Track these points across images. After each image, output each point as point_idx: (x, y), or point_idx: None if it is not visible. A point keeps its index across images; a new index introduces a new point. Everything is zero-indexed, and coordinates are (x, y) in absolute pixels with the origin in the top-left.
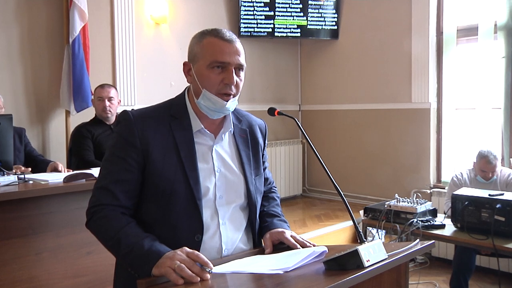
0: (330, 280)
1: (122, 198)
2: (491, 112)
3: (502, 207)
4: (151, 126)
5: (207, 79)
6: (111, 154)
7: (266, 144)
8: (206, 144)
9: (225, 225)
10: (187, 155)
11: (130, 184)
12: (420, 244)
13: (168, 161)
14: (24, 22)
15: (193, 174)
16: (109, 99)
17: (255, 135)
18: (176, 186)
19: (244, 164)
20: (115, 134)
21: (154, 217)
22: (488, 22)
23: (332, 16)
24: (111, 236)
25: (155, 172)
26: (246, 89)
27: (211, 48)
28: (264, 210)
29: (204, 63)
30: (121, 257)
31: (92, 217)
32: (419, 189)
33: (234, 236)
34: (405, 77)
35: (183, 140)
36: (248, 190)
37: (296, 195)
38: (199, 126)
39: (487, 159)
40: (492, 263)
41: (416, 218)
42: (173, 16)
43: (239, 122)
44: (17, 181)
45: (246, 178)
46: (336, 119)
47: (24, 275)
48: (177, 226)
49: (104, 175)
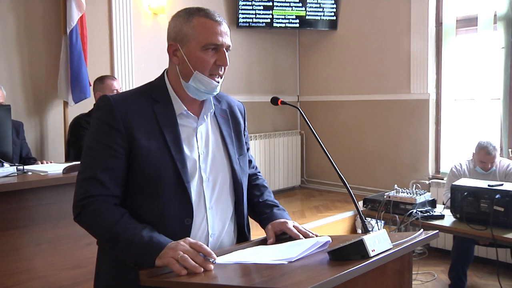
0: (335, 270)
1: (111, 187)
2: (490, 102)
3: (501, 198)
4: (134, 110)
5: (201, 61)
6: (94, 141)
7: (246, 125)
8: (190, 126)
9: (211, 209)
10: (172, 139)
11: (118, 171)
12: (424, 234)
13: (153, 146)
14: (20, 12)
15: (179, 157)
16: (117, 91)
17: (235, 115)
18: (163, 170)
19: (227, 144)
20: (96, 121)
21: (141, 204)
22: (487, 12)
23: (331, 7)
24: (107, 230)
25: (141, 158)
26: (244, 79)
27: (204, 29)
28: (259, 200)
29: (197, 45)
30: (119, 250)
31: (82, 210)
32: (418, 180)
33: (220, 221)
34: (404, 68)
35: (167, 124)
36: (233, 169)
37: (294, 186)
38: (182, 109)
39: (487, 150)
40: (490, 253)
41: (415, 209)
42: (171, 6)
43: (218, 103)
44: (16, 172)
45: (230, 157)
46: (335, 110)
47: (23, 266)
48: (165, 211)
49: (88, 164)
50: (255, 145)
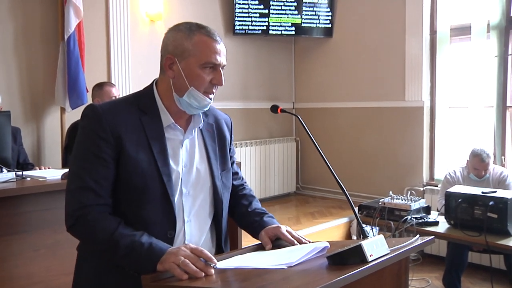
0: (334, 274)
1: (104, 196)
2: (484, 110)
3: (494, 204)
4: (122, 121)
5: (198, 78)
6: (84, 151)
7: (232, 139)
8: (176, 139)
9: (189, 222)
10: (159, 152)
11: (108, 181)
12: (420, 239)
13: (141, 156)
14: (18, 18)
15: (165, 170)
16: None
17: (221, 129)
18: (149, 180)
19: (210, 159)
20: (83, 130)
21: (127, 213)
22: (481, 21)
23: (326, 14)
24: (106, 239)
25: (129, 166)
26: (240, 86)
27: (206, 47)
28: (248, 210)
29: (196, 62)
30: (119, 258)
31: (77, 221)
32: (412, 186)
33: (197, 234)
34: (399, 75)
35: (154, 136)
36: (215, 185)
37: (289, 192)
38: (169, 121)
39: (480, 158)
40: (484, 260)
41: (410, 215)
42: (168, 13)
43: (205, 116)
44: (15, 178)
45: (212, 173)
46: (330, 117)
47: (22, 272)
48: (149, 222)
49: (79, 174)
50: (250, 151)
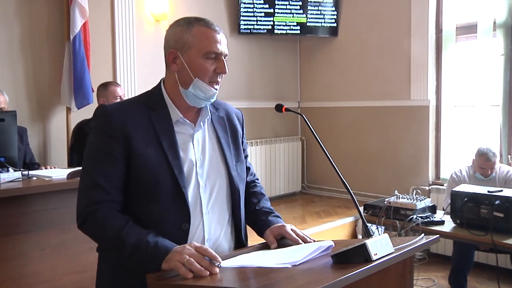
0: (338, 273)
1: (114, 192)
2: (490, 109)
3: (501, 203)
4: (131, 119)
5: (201, 68)
6: (94, 150)
7: (244, 132)
8: (187, 133)
9: (208, 214)
10: (169, 145)
11: (118, 178)
12: (425, 238)
13: (151, 153)
14: (24, 19)
15: (176, 163)
16: (121, 97)
17: (233, 122)
18: (160, 176)
19: (224, 151)
20: (94, 130)
21: (139, 209)
22: (487, 20)
23: (331, 14)
24: (113, 237)
25: (139, 164)
26: (245, 86)
27: (205, 37)
28: (256, 208)
29: (197, 53)
30: (126, 256)
31: (87, 218)
32: (418, 186)
33: (217, 226)
34: (404, 74)
35: (164, 131)
36: (230, 175)
37: (295, 191)
38: (178, 116)
39: (486, 157)
40: (490, 259)
41: (415, 215)
42: (174, 13)
43: (216, 110)
44: (21, 178)
45: (227, 163)
46: (335, 117)
47: (28, 271)
48: (163, 216)
49: (89, 173)
50: (256, 151)
